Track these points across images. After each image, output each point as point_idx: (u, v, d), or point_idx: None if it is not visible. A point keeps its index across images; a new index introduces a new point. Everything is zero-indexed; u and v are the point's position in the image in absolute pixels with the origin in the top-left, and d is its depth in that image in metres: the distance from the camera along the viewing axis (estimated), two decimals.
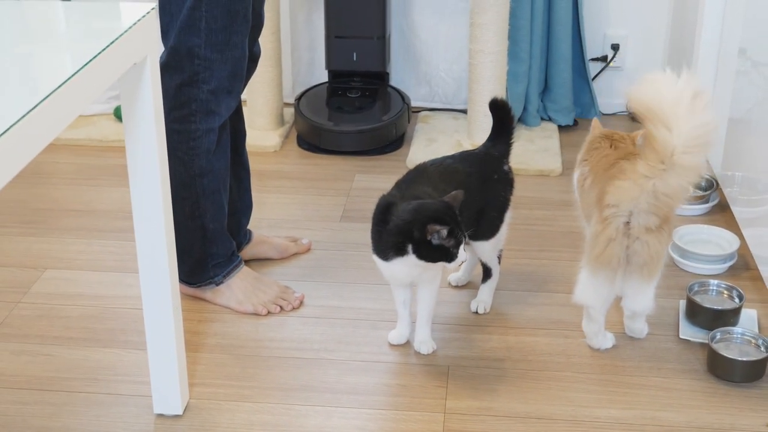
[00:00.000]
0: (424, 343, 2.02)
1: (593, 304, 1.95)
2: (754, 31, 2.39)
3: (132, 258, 2.31)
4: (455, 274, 2.24)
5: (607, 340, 2.03)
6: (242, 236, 2.31)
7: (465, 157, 2.08)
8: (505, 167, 2.09)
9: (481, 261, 2.15)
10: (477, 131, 2.96)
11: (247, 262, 2.26)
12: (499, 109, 2.10)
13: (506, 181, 2.09)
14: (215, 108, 2.00)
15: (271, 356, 2.01)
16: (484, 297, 2.16)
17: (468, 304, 2.17)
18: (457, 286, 2.24)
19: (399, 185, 1.97)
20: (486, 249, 2.10)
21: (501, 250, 2.15)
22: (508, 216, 2.10)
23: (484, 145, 2.12)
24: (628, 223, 1.83)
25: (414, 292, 2.01)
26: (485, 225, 2.06)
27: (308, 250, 2.42)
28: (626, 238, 1.84)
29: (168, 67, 1.93)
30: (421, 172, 2.01)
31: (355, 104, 3.07)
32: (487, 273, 2.16)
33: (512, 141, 2.11)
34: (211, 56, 1.95)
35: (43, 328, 2.10)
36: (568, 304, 2.12)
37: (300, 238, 2.43)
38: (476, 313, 2.14)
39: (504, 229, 2.10)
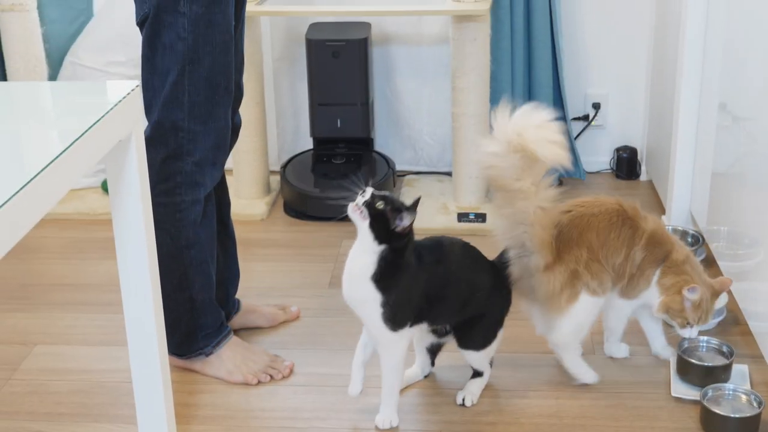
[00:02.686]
0: (380, 417, 1.99)
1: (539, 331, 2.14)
2: (734, 86, 2.45)
3: (121, 331, 2.32)
4: (410, 369, 2.13)
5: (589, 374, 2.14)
6: (231, 306, 2.33)
7: (486, 262, 2.05)
8: (510, 287, 2.06)
9: (471, 366, 2.10)
10: (462, 193, 3.00)
11: (237, 331, 2.27)
12: None
13: (507, 301, 2.07)
14: (200, 179, 2.03)
15: (262, 426, 2.01)
16: (473, 389, 2.09)
17: (457, 368, 2.17)
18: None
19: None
20: (475, 358, 2.06)
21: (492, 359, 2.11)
22: (501, 334, 2.06)
23: (500, 258, 2.07)
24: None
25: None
26: (479, 334, 2.03)
27: (297, 317, 2.43)
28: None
29: (152, 141, 1.97)
30: (440, 245, 2.00)
31: (341, 170, 3.11)
32: (477, 373, 2.10)
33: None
34: (195, 128, 1.98)
35: (34, 405, 2.10)
36: (558, 365, 2.14)
37: (289, 306, 2.45)
38: (462, 405, 2.06)
39: (495, 343, 2.06)
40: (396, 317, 1.89)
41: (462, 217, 2.94)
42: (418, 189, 3.18)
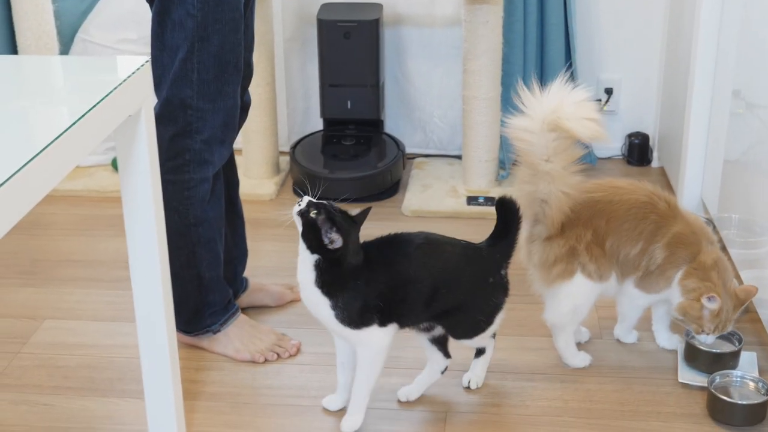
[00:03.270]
0: (347, 421, 1.93)
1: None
2: (748, 73, 2.43)
3: (129, 307, 2.33)
4: (406, 387, 2.04)
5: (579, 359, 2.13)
6: (238, 284, 2.33)
7: (466, 247, 1.94)
8: (503, 271, 1.95)
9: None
10: (472, 177, 3.00)
11: (244, 309, 2.28)
12: (505, 208, 1.94)
13: (501, 286, 1.95)
14: (209, 158, 2.03)
15: (269, 404, 2.02)
16: (478, 372, 2.06)
17: (463, 348, 2.17)
18: (407, 401, 2.03)
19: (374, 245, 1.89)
20: (470, 344, 2.00)
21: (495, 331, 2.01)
22: (500, 317, 1.96)
23: (487, 242, 1.96)
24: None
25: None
26: (465, 324, 1.93)
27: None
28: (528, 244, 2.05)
29: (161, 118, 1.97)
30: (404, 241, 1.90)
31: (350, 152, 3.11)
32: (480, 351, 2.05)
33: (516, 243, 1.96)
34: (204, 106, 1.98)
35: (42, 378, 2.11)
36: None
37: (296, 286, 2.44)
38: (468, 388, 2.06)
39: (490, 329, 1.96)
40: (352, 318, 1.83)
41: (471, 200, 2.94)
42: (427, 172, 3.17)
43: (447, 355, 2.01)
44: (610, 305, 2.30)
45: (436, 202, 2.94)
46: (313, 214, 1.80)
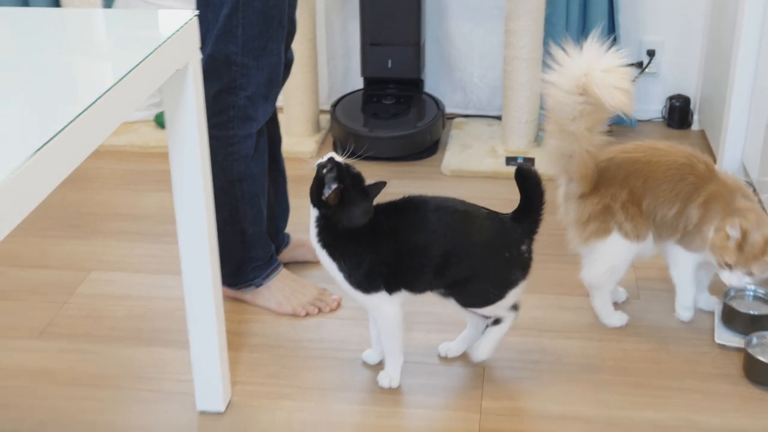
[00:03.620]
0: (382, 375, 1.96)
1: None
2: None
3: (173, 261, 2.38)
4: (447, 343, 2.04)
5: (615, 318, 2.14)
6: (280, 240, 2.36)
7: (485, 216, 1.85)
8: (523, 247, 1.84)
9: None
10: (511, 137, 2.99)
11: (286, 264, 2.31)
12: (525, 179, 1.83)
13: (520, 263, 1.85)
14: (252, 114, 2.05)
15: (309, 356, 2.06)
16: (485, 342, 1.95)
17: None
18: (446, 358, 2.03)
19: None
20: (481, 313, 1.94)
21: (517, 304, 1.92)
22: (515, 293, 1.86)
23: (512, 215, 1.86)
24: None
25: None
26: (472, 293, 1.87)
27: None
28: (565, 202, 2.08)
29: (205, 74, 1.97)
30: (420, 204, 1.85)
31: (390, 111, 3.11)
32: (497, 320, 1.94)
33: (541, 218, 1.85)
34: (248, 63, 2.00)
35: (90, 328, 2.16)
36: None
37: None
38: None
39: (506, 302, 1.87)
40: (360, 282, 1.83)
41: (510, 160, 2.94)
42: (467, 132, 3.18)
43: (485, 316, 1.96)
44: (647, 266, 2.31)
45: (476, 162, 2.94)
46: (325, 169, 1.80)
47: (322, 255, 1.86)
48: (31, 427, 1.85)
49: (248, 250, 2.17)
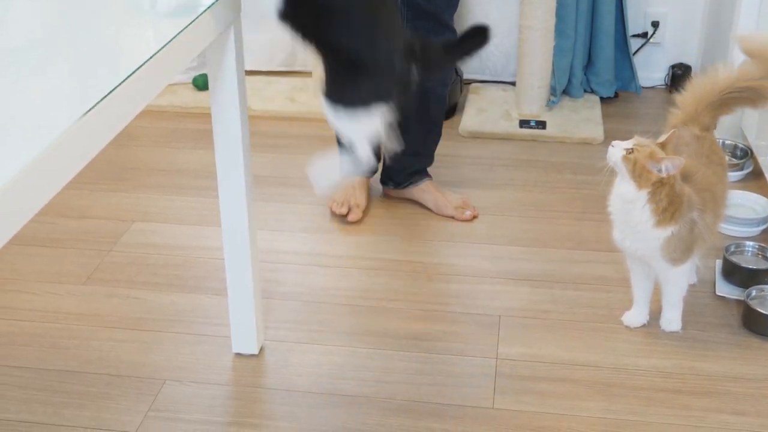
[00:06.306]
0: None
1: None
2: None
3: (210, 213, 2.34)
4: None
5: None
6: (405, 177, 2.40)
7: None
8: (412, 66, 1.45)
9: None
10: (525, 102, 2.92)
11: (407, 201, 2.41)
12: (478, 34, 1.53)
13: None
14: None
15: (338, 304, 2.02)
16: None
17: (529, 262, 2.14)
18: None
19: None
20: None
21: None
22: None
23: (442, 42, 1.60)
24: None
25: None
26: None
27: (466, 220, 2.33)
28: None
29: None
30: None
31: None
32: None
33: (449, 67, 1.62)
34: None
35: (133, 274, 2.13)
36: (610, 261, 2.11)
37: (467, 209, 2.35)
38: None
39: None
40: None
41: (524, 123, 2.87)
42: (483, 97, 3.10)
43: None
44: None
45: (491, 125, 2.87)
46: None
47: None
48: (79, 365, 1.82)
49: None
